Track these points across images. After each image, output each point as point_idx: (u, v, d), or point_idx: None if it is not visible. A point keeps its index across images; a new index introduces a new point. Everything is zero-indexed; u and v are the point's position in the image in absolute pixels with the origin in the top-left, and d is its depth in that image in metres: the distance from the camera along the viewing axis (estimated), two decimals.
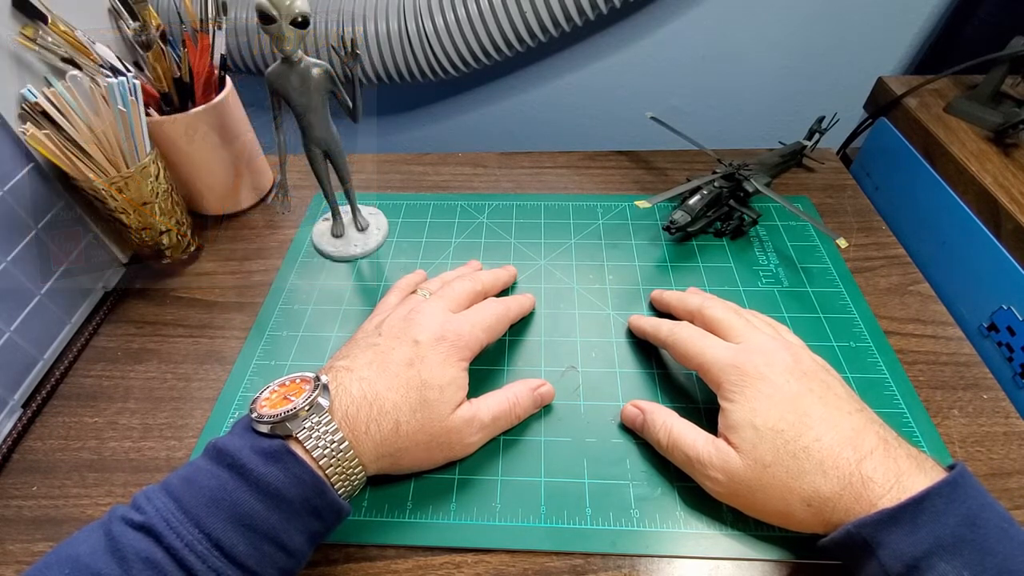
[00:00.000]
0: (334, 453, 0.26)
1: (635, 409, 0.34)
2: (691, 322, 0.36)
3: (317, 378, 0.28)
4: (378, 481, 0.33)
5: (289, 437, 0.26)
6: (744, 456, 0.28)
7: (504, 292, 0.43)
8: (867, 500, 0.25)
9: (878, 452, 0.26)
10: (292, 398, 0.27)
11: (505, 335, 0.40)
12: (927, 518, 0.24)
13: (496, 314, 0.36)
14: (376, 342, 0.32)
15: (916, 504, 0.24)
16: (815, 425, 0.28)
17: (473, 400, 0.33)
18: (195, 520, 0.23)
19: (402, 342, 0.32)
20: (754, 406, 0.29)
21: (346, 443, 0.27)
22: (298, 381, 0.28)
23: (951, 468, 0.26)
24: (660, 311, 0.41)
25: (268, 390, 0.28)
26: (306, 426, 0.26)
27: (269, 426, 0.26)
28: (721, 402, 0.31)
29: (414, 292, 0.38)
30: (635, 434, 0.35)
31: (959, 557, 0.23)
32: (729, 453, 0.29)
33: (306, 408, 0.26)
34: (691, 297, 0.38)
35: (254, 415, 0.26)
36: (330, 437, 0.26)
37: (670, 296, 0.40)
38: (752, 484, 0.28)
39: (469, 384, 0.33)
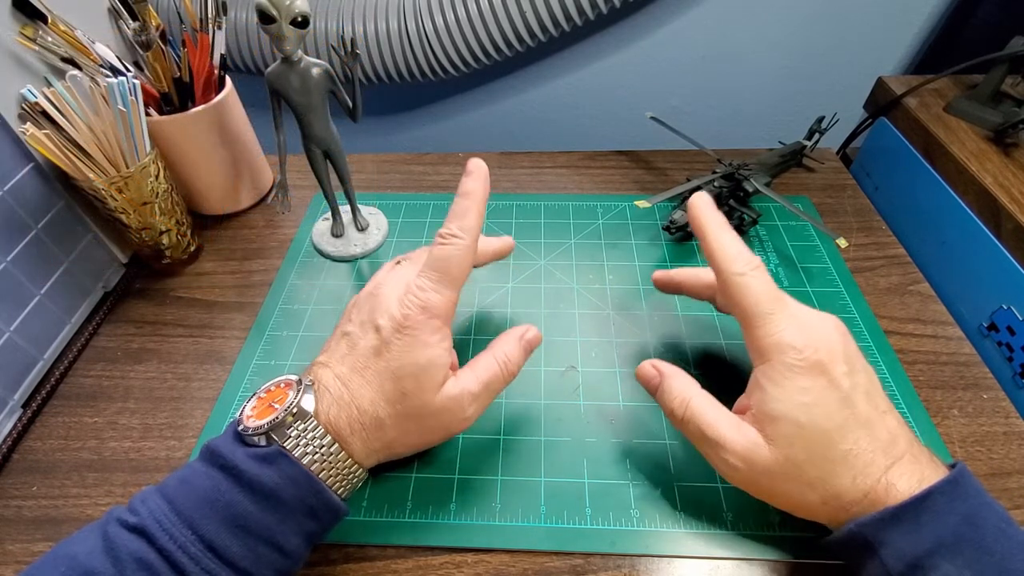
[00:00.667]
0: (325, 457, 0.26)
1: (653, 370, 0.31)
2: (714, 296, 0.34)
3: (299, 381, 0.27)
4: (378, 481, 0.33)
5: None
6: (775, 450, 0.26)
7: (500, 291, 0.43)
8: (883, 505, 0.25)
9: (906, 458, 0.25)
10: (276, 406, 0.26)
11: None
12: (929, 517, 0.23)
13: (465, 247, 0.29)
14: (348, 330, 0.30)
15: (918, 503, 0.24)
16: (857, 428, 0.25)
17: (459, 372, 0.30)
18: (188, 522, 0.23)
19: (367, 328, 0.29)
20: (805, 401, 0.26)
21: (336, 445, 0.26)
22: (282, 386, 0.27)
23: (951, 467, 0.26)
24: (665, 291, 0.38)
25: (255, 398, 0.27)
26: (291, 434, 0.25)
27: (256, 438, 0.25)
28: (763, 380, 0.27)
29: (398, 261, 0.34)
30: (635, 434, 0.35)
31: (960, 556, 0.23)
32: (757, 443, 0.26)
33: (291, 415, 0.25)
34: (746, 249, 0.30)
35: (240, 427, 0.25)
36: (318, 442, 0.26)
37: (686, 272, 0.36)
38: (776, 477, 0.26)
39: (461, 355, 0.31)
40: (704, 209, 0.31)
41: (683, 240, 0.48)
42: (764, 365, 0.27)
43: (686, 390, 0.29)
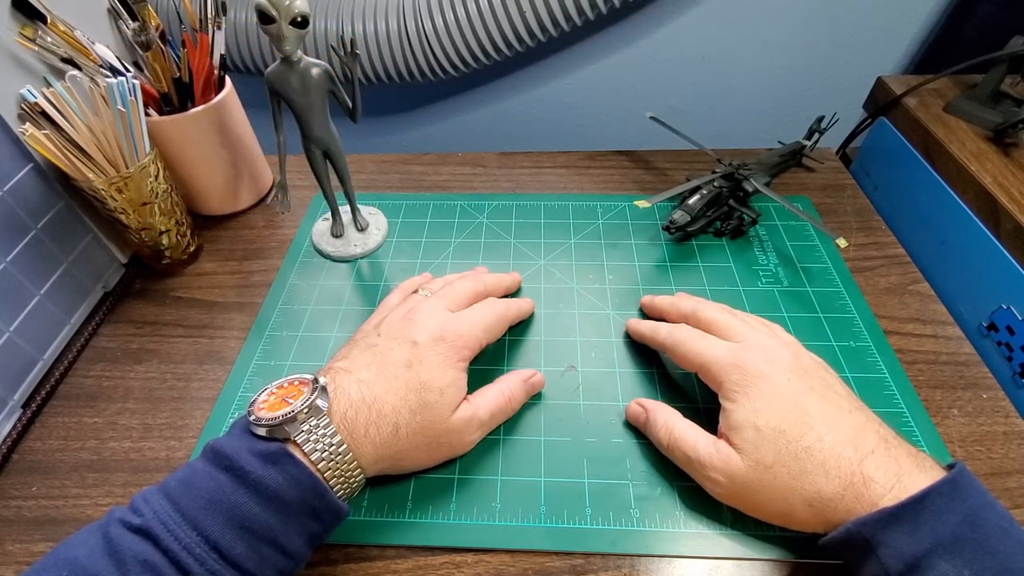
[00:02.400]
0: (332, 456, 0.26)
1: (639, 407, 0.34)
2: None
3: (315, 380, 0.28)
4: (378, 481, 0.33)
5: (287, 440, 0.26)
6: (745, 457, 0.28)
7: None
8: (868, 500, 0.25)
9: (879, 451, 0.26)
10: (290, 401, 0.27)
11: (505, 335, 0.40)
12: (927, 517, 0.24)
13: (496, 313, 0.36)
14: (375, 343, 0.32)
15: (917, 503, 0.24)
16: (817, 425, 0.27)
17: (471, 398, 0.33)
18: (193, 523, 0.23)
19: (400, 343, 0.31)
20: (756, 406, 0.29)
21: (344, 446, 0.27)
22: (296, 383, 0.28)
23: (951, 467, 0.26)
24: (651, 317, 0.41)
25: (266, 391, 0.28)
26: (304, 429, 0.26)
27: (267, 429, 0.26)
28: (722, 402, 0.30)
29: (415, 292, 0.38)
30: (635, 434, 0.35)
31: (959, 556, 0.23)
32: (730, 454, 0.29)
33: (304, 411, 0.26)
34: (683, 300, 0.38)
35: (252, 418, 0.26)
36: (328, 440, 0.26)
37: (661, 301, 0.40)
38: (753, 485, 0.28)
39: (468, 384, 0.33)
40: (636, 327, 0.39)
41: (683, 240, 0.48)
42: (720, 391, 0.31)
43: (668, 420, 0.32)
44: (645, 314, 0.42)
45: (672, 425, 0.32)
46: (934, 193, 0.48)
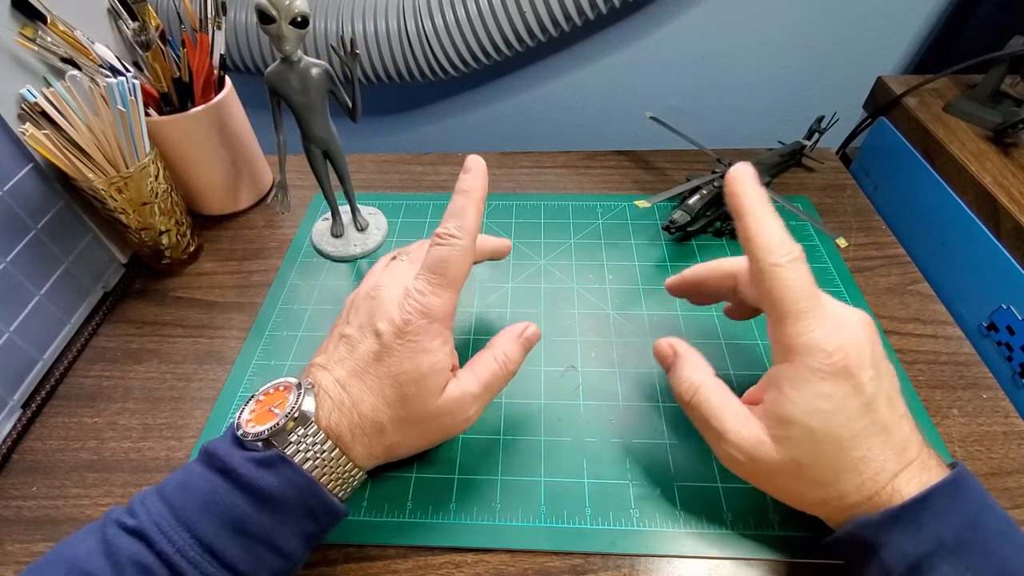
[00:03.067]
0: (326, 462, 0.26)
1: (668, 348, 0.31)
2: (735, 287, 0.32)
3: (299, 385, 0.27)
4: (378, 481, 0.33)
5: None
6: (782, 451, 0.25)
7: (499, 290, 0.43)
8: (884, 508, 0.24)
9: (916, 464, 0.25)
10: (276, 410, 0.26)
11: None
12: (929, 518, 0.23)
13: (456, 251, 0.28)
14: (346, 332, 0.29)
15: (919, 504, 0.24)
16: (874, 435, 0.25)
17: (459, 374, 0.30)
18: (187, 525, 0.23)
19: (366, 332, 0.28)
20: (823, 407, 0.24)
21: (336, 450, 0.26)
22: (281, 389, 0.27)
23: (951, 466, 0.25)
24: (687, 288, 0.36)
25: (253, 401, 0.27)
26: (292, 440, 0.25)
27: (256, 443, 0.25)
28: (783, 380, 0.26)
29: (394, 257, 0.34)
30: (635, 434, 0.35)
31: (961, 558, 0.23)
32: (763, 441, 0.26)
33: (291, 420, 0.25)
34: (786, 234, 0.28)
35: (239, 432, 0.25)
36: (319, 447, 0.26)
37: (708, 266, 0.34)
38: (776, 473, 0.26)
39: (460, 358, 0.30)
40: (746, 183, 0.28)
41: (683, 240, 0.48)
42: (786, 364, 0.26)
43: (696, 374, 0.29)
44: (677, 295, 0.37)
45: (699, 383, 0.28)
46: (934, 193, 0.48)
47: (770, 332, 0.27)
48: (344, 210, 0.49)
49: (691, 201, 0.45)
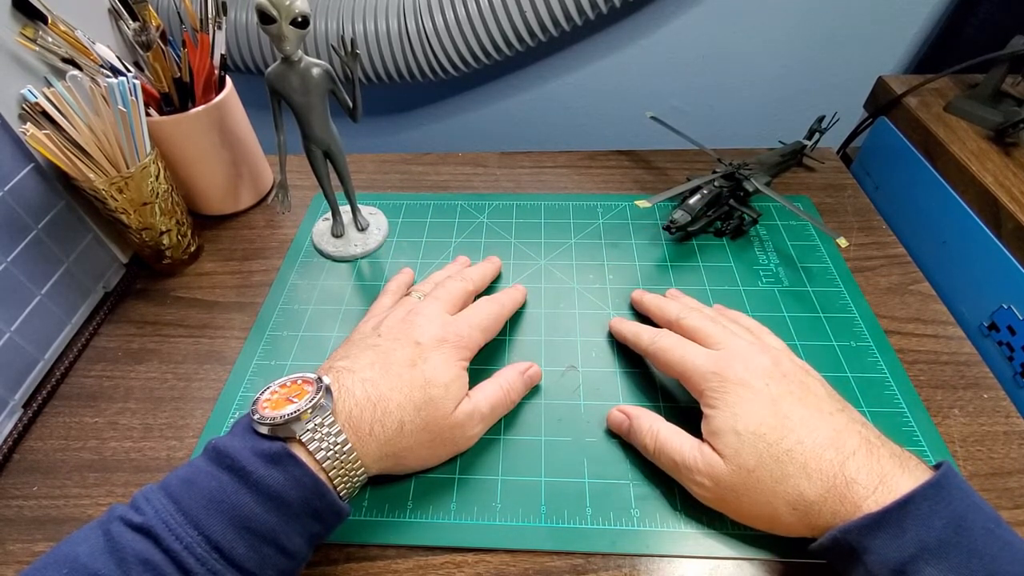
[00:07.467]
0: (337, 455, 0.26)
1: (621, 414, 0.34)
2: (670, 330, 0.36)
3: (320, 379, 0.28)
4: (378, 481, 0.33)
5: (291, 439, 0.26)
6: (728, 461, 0.28)
7: (492, 287, 0.43)
8: (851, 502, 0.25)
9: (860, 452, 0.26)
10: (294, 399, 0.27)
11: (505, 335, 0.40)
12: (912, 522, 0.23)
13: (492, 314, 0.37)
14: (376, 343, 0.32)
15: (900, 508, 0.24)
16: (796, 428, 0.28)
17: (471, 393, 0.33)
18: (194, 522, 0.23)
19: (403, 343, 0.32)
20: (735, 411, 0.29)
21: (349, 445, 0.27)
22: (300, 382, 0.28)
23: (936, 467, 0.26)
24: (639, 313, 0.41)
25: (268, 391, 0.28)
26: (308, 428, 0.26)
27: (270, 428, 0.26)
28: (704, 409, 0.31)
29: (407, 294, 0.38)
30: None
31: (945, 560, 0.23)
32: (714, 458, 0.29)
33: (309, 410, 0.26)
34: (669, 305, 0.38)
35: (256, 416, 0.26)
36: (333, 439, 0.26)
37: (649, 301, 0.40)
38: (738, 489, 0.28)
39: (469, 382, 0.33)
40: (619, 328, 0.39)
41: (683, 240, 0.48)
42: (701, 399, 0.31)
43: (653, 425, 0.32)
44: (634, 309, 0.42)
45: (657, 430, 0.32)
46: (935, 193, 0.48)
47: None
48: (344, 210, 0.49)
49: (691, 201, 0.45)
